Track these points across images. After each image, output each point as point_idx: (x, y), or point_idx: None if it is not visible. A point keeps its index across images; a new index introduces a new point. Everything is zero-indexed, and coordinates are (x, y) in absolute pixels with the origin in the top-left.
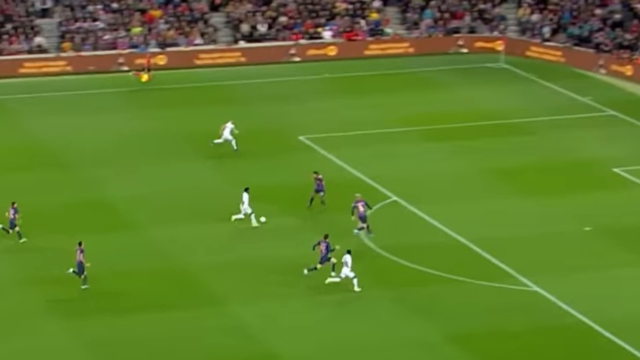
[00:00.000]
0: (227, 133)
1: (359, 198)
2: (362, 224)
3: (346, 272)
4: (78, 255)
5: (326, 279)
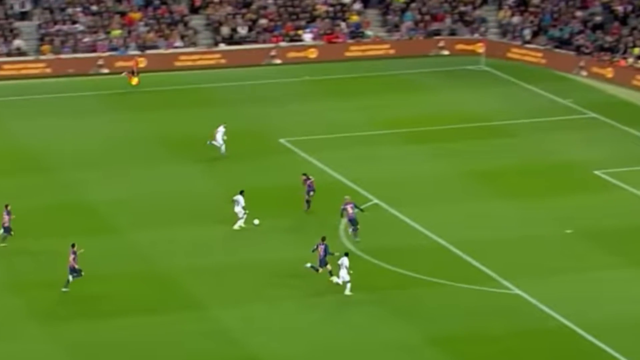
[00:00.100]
0: (219, 137)
1: (348, 200)
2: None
3: (343, 275)
4: (71, 257)
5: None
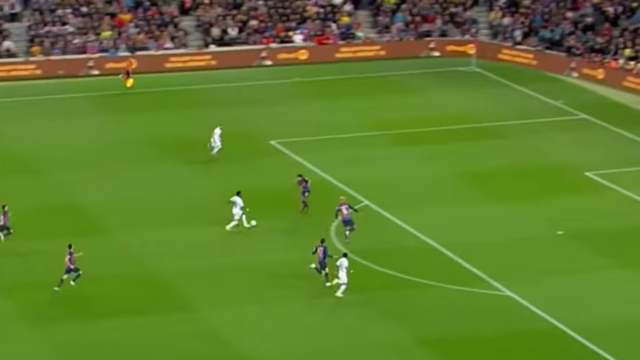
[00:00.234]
0: (217, 139)
1: (343, 201)
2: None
3: (342, 276)
4: (67, 258)
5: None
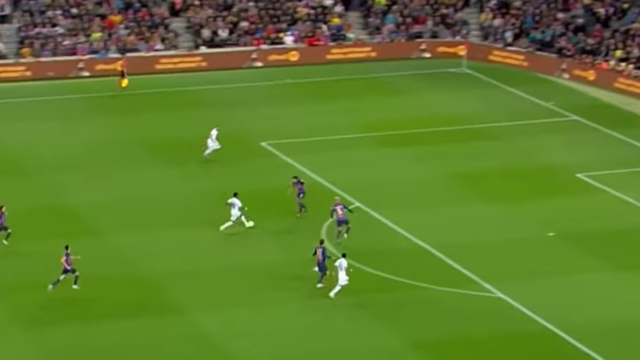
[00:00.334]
0: (211, 140)
1: (338, 201)
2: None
3: (342, 277)
4: (64, 259)
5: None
